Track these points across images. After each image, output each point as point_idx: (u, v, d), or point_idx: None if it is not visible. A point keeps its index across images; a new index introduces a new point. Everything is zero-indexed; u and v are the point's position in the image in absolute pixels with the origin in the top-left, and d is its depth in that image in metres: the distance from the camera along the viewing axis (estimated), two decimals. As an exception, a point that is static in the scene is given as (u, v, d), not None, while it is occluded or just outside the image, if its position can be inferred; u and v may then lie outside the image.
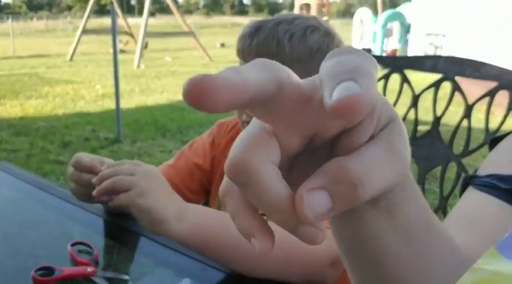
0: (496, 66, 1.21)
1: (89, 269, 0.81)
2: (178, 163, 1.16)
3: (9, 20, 18.39)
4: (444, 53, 11.96)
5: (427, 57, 1.33)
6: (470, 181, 0.63)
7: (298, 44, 0.95)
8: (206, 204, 1.18)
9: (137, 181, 0.81)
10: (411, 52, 13.07)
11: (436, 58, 1.31)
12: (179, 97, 8.08)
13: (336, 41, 1.00)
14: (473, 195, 0.62)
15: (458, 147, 1.29)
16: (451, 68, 1.27)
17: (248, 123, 0.99)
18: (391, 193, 0.34)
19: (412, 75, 1.34)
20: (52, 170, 4.16)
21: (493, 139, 0.65)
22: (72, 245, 0.88)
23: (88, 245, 0.89)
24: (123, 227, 0.98)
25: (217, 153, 1.16)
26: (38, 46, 20.00)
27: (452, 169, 1.30)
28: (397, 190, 0.34)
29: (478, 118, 1.28)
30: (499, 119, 1.21)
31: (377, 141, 0.29)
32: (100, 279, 0.79)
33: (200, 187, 1.15)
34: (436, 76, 1.30)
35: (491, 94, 1.22)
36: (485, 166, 0.63)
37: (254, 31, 0.96)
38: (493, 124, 1.21)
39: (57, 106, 7.04)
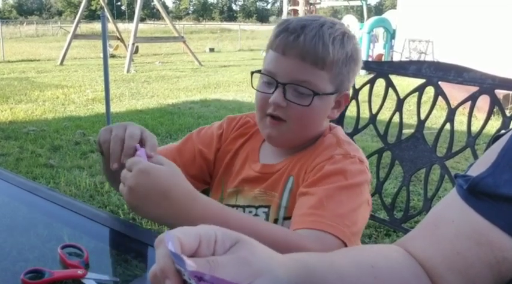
0: (477, 71, 1.24)
1: (79, 271, 0.81)
2: (184, 146, 1.18)
3: (-1, 25, 18.23)
4: (428, 58, 12.08)
5: (411, 63, 1.36)
6: (454, 180, 0.64)
7: (339, 49, 0.98)
8: (204, 192, 1.16)
9: (127, 194, 0.78)
10: (396, 57, 13.16)
11: (420, 63, 1.34)
12: (169, 101, 8.07)
13: (360, 51, 1.05)
14: (450, 194, 0.64)
15: (441, 150, 1.31)
16: (434, 73, 1.30)
17: (272, 116, 0.99)
18: None
19: (397, 79, 1.37)
20: (42, 174, 4.14)
21: (496, 137, 0.65)
22: (62, 248, 0.88)
23: (78, 248, 0.89)
24: (114, 229, 0.99)
25: (223, 146, 1.18)
26: (28, 51, 19.89)
27: (436, 171, 1.33)
28: None
29: (460, 122, 1.31)
30: (481, 122, 1.24)
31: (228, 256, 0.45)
32: (90, 282, 0.80)
33: (200, 173, 1.16)
34: (420, 81, 1.33)
35: (472, 98, 1.24)
36: (473, 166, 0.63)
37: (299, 28, 0.97)
38: (475, 128, 1.24)
39: (47, 111, 7.01)
